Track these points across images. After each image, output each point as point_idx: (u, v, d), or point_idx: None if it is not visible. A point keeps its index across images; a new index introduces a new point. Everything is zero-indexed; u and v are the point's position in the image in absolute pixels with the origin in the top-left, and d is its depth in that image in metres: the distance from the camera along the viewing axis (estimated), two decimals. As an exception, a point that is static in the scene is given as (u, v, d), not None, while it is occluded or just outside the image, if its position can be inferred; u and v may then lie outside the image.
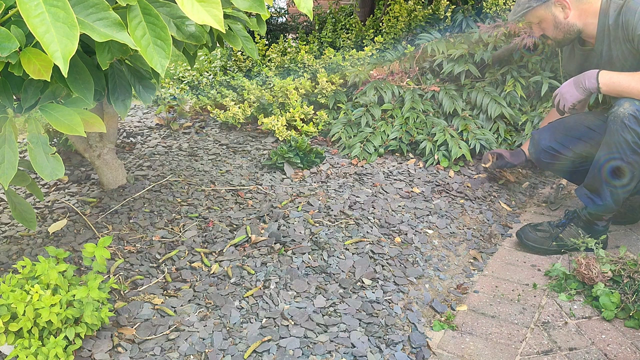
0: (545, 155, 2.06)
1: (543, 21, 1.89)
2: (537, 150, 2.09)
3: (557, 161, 2.06)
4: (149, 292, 1.65)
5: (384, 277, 1.74)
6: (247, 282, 1.70)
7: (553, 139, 2.04)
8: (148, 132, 3.11)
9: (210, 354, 1.42)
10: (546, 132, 2.07)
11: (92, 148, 2.17)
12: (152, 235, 1.95)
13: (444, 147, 2.58)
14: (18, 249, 1.88)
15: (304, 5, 1.10)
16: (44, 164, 1.24)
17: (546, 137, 2.06)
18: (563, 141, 2.03)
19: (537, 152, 2.09)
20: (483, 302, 1.71)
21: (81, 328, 1.38)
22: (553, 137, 2.04)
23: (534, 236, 1.97)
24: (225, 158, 2.67)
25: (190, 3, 0.97)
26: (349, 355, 1.42)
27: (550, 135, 2.05)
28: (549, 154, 2.05)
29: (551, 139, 2.04)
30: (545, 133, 2.07)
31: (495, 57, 2.76)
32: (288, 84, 2.92)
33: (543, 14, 1.88)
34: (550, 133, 2.06)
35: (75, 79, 1.22)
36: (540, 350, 1.49)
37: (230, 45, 1.50)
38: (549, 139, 2.05)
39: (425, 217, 2.12)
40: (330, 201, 2.19)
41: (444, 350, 1.49)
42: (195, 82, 3.45)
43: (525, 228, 2.00)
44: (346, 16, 3.91)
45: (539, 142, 2.07)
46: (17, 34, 0.96)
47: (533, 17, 1.90)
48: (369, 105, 2.80)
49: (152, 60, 1.02)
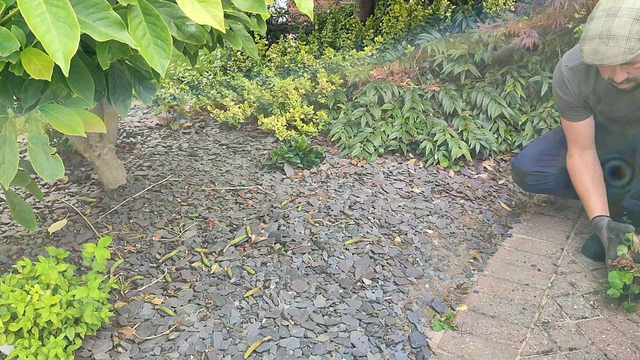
0: (531, 179, 2.08)
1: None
2: (521, 177, 2.10)
3: (544, 181, 2.08)
4: (149, 292, 1.65)
5: (384, 277, 1.74)
6: (247, 282, 1.70)
7: (535, 162, 2.06)
8: (148, 132, 3.11)
9: (210, 354, 1.42)
10: (525, 157, 2.09)
11: (92, 148, 2.17)
12: (152, 235, 1.95)
13: (444, 147, 2.58)
14: (18, 249, 1.88)
15: (305, 5, 1.10)
16: (44, 164, 1.24)
17: (527, 162, 2.07)
18: (547, 160, 2.04)
19: (521, 178, 2.11)
20: (483, 302, 1.71)
21: (81, 328, 1.37)
22: (534, 161, 2.06)
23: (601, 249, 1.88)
24: (225, 158, 2.67)
25: (191, 3, 0.97)
26: (349, 355, 1.42)
27: (530, 159, 2.07)
28: (535, 176, 2.07)
29: (533, 164, 2.06)
30: (524, 158, 2.08)
31: (495, 57, 2.77)
32: (288, 84, 2.92)
33: None
34: (529, 157, 2.08)
35: (75, 79, 1.22)
36: (540, 350, 1.49)
37: (231, 45, 1.50)
38: (530, 164, 2.06)
39: (425, 217, 2.12)
40: (330, 201, 2.19)
41: (444, 350, 1.49)
42: (195, 82, 3.45)
43: (590, 245, 1.94)
44: (346, 16, 3.92)
45: (520, 168, 2.08)
46: (17, 34, 0.96)
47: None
48: (369, 105, 2.80)
49: (153, 61, 1.02)
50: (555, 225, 2.18)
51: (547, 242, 2.05)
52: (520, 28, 2.64)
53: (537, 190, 2.15)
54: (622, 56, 1.51)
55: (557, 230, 2.14)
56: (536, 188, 2.12)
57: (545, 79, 2.61)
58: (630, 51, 1.50)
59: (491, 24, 2.84)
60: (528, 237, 2.09)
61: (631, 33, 1.50)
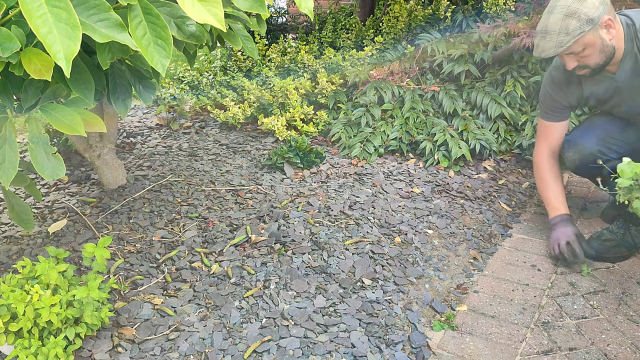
0: (592, 159, 1.92)
1: (590, 47, 1.68)
2: (582, 156, 1.94)
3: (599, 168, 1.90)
4: (149, 292, 1.65)
5: (384, 277, 1.74)
6: (247, 282, 1.70)
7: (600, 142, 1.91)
8: (148, 132, 3.11)
9: (210, 354, 1.42)
10: (588, 136, 1.93)
11: (92, 148, 2.17)
12: (152, 235, 1.95)
13: (444, 147, 2.58)
14: (18, 249, 1.88)
15: (305, 5, 1.10)
16: (45, 163, 1.24)
17: (591, 140, 1.92)
18: (610, 144, 1.91)
19: (582, 157, 1.94)
20: (483, 302, 1.71)
21: (81, 328, 1.37)
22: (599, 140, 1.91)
23: (605, 247, 1.89)
24: (225, 158, 2.67)
25: (191, 2, 0.97)
26: (349, 355, 1.43)
27: (595, 137, 1.92)
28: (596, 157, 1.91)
29: (598, 143, 1.91)
30: (588, 136, 1.93)
31: (495, 57, 2.77)
32: (288, 84, 2.92)
33: (591, 39, 1.66)
34: (594, 135, 1.92)
35: (75, 79, 1.22)
36: (540, 350, 1.49)
37: (231, 44, 1.50)
38: (595, 142, 1.91)
39: (425, 217, 2.12)
40: (330, 201, 2.19)
41: (444, 350, 1.49)
42: (195, 82, 3.45)
43: (592, 243, 1.92)
44: (346, 16, 3.92)
45: (584, 146, 1.92)
46: (17, 34, 0.96)
47: (579, 46, 1.68)
48: (369, 105, 2.80)
49: (153, 60, 1.02)
50: (555, 226, 2.18)
51: (547, 242, 2.05)
52: (520, 28, 2.64)
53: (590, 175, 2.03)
54: (554, 49, 1.68)
55: (557, 231, 2.14)
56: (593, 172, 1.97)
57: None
58: (560, 45, 1.67)
59: (491, 24, 2.85)
60: (528, 237, 2.09)
61: (561, 28, 1.66)
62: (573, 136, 1.99)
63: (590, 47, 1.68)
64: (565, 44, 1.66)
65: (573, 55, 1.71)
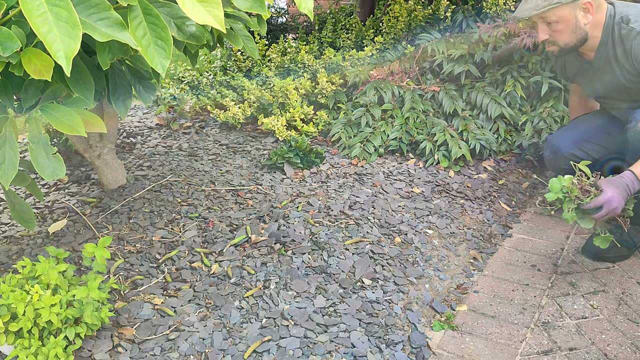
0: (565, 161, 1.98)
1: (562, 22, 1.73)
2: (556, 157, 2.02)
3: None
4: (149, 292, 1.65)
5: (384, 277, 1.74)
6: (247, 282, 1.70)
7: (575, 145, 1.98)
8: (148, 132, 3.11)
9: (210, 354, 1.42)
10: (566, 138, 2.01)
11: (92, 148, 2.17)
12: (152, 235, 1.95)
13: (444, 147, 2.58)
14: (18, 249, 1.88)
15: (305, 5, 1.10)
16: (45, 163, 1.24)
17: (567, 143, 1.99)
18: (586, 148, 1.97)
19: (556, 158, 2.03)
20: (483, 302, 1.71)
21: (81, 328, 1.37)
22: (575, 144, 1.98)
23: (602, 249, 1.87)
24: (225, 158, 2.67)
25: (191, 3, 0.97)
26: (349, 355, 1.42)
27: (571, 141, 1.99)
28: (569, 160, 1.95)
29: (573, 146, 1.98)
30: (566, 139, 2.01)
31: (495, 57, 2.77)
32: (288, 84, 2.92)
33: (567, 15, 1.71)
34: (571, 139, 1.99)
35: (75, 79, 1.22)
36: (540, 350, 1.49)
37: (231, 44, 1.50)
38: (570, 146, 1.98)
39: (425, 217, 2.12)
40: (330, 201, 2.19)
41: (444, 350, 1.49)
42: (195, 82, 3.45)
43: (590, 244, 1.91)
44: (346, 16, 3.92)
45: (560, 148, 2.00)
46: (17, 34, 0.96)
47: (553, 16, 1.72)
48: (369, 106, 2.80)
49: (153, 60, 1.02)
50: (555, 225, 2.18)
51: (547, 242, 2.05)
52: (520, 28, 2.64)
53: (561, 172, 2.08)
54: (529, 11, 1.74)
55: (557, 230, 2.14)
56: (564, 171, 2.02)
57: (545, 79, 2.61)
58: (536, 8, 1.72)
59: (491, 24, 2.85)
60: (528, 237, 2.09)
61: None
62: (553, 136, 2.07)
63: (563, 23, 1.73)
64: (540, 8, 1.71)
65: (546, 26, 1.77)
